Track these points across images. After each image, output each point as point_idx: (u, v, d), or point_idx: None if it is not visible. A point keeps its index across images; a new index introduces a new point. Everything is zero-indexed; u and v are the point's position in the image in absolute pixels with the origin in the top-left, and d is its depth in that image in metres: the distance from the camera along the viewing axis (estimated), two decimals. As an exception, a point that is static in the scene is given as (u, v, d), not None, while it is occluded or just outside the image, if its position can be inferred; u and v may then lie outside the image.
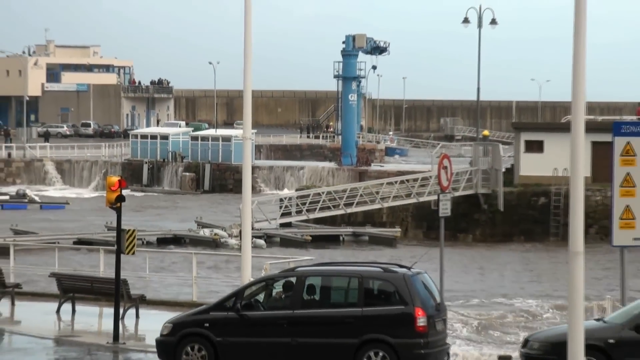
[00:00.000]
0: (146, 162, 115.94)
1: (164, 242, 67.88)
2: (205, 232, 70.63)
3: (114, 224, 36.80)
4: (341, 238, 77.98)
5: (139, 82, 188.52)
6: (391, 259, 56.96)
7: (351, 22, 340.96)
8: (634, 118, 79.35)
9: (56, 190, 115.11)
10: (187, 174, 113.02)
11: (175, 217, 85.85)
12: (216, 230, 71.84)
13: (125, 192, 35.57)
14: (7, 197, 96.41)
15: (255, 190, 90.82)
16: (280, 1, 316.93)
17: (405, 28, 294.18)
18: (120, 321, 35.44)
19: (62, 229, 72.50)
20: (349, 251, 72.61)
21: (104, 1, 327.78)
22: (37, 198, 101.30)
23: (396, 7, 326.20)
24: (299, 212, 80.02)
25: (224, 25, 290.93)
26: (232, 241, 66.82)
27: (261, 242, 66.99)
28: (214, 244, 66.85)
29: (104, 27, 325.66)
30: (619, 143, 31.50)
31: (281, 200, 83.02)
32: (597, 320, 29.01)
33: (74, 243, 62.68)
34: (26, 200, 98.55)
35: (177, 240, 67.60)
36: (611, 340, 27.30)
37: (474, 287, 56.06)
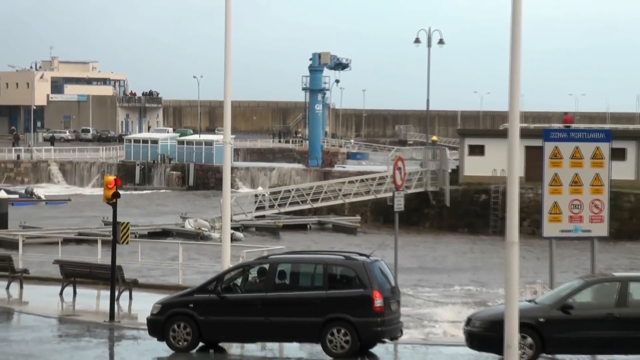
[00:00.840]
0: (138, 164, 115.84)
1: (154, 235, 67.81)
2: (190, 223, 70.52)
3: (111, 219, 36.76)
4: (308, 226, 78.17)
5: (132, 93, 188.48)
6: (351, 246, 57.03)
7: (318, 43, 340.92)
8: (561, 126, 79.56)
9: (59, 188, 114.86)
10: (174, 172, 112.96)
11: (163, 212, 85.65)
12: (199, 220, 71.85)
13: (120, 191, 35.59)
14: (16, 196, 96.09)
15: (233, 187, 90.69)
16: (257, 25, 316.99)
17: (365, 47, 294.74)
18: (115, 302, 35.56)
19: (64, 224, 72.21)
20: (315, 237, 72.80)
21: (103, 24, 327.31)
22: (42, 196, 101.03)
23: (358, 30, 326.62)
24: (271, 207, 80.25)
25: (208, 44, 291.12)
26: (215, 235, 66.82)
27: (240, 235, 66.96)
28: (198, 237, 66.87)
29: (102, 45, 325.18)
30: (548, 148, 31.70)
31: (256, 196, 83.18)
32: (530, 301, 29.13)
33: (75, 239, 62.62)
34: (33, 198, 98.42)
35: (165, 234, 67.57)
36: (541, 319, 27.43)
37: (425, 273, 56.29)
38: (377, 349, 29.14)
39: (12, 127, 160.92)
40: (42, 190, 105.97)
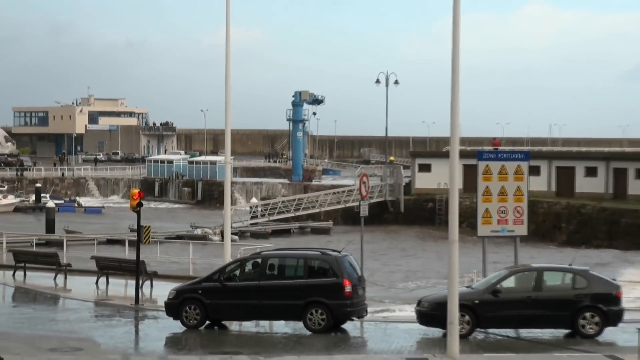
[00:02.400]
0: (157, 180, 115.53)
1: (170, 239, 67.52)
2: (198, 232, 70.76)
3: (135, 226, 36.73)
4: (292, 231, 78.09)
5: (153, 123, 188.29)
6: (327, 244, 57.07)
7: (299, 82, 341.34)
8: (490, 148, 79.73)
9: (95, 199, 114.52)
10: (186, 189, 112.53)
11: (177, 222, 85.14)
12: (205, 229, 71.96)
13: (143, 202, 35.56)
14: (62, 201, 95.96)
15: (233, 198, 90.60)
16: (251, 67, 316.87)
17: (337, 85, 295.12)
18: (139, 289, 35.44)
19: (99, 230, 71.80)
20: (298, 239, 72.72)
21: (130, 68, 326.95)
22: (82, 203, 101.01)
23: (331, 70, 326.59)
24: (262, 216, 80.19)
25: (213, 84, 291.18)
26: (216, 238, 66.74)
27: (236, 237, 66.72)
28: (204, 239, 66.70)
29: (129, 85, 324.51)
30: (481, 165, 31.77)
31: (250, 207, 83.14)
32: (467, 287, 29.18)
33: (107, 240, 62.45)
34: (75, 205, 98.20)
35: (179, 238, 67.23)
36: (476, 301, 27.49)
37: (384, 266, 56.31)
38: (347, 326, 29.16)
39: (63, 150, 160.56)
40: (82, 201, 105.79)
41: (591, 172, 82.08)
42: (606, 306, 27.39)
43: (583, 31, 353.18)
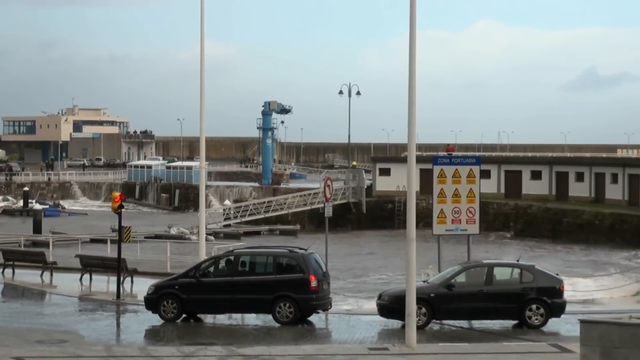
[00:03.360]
0: (137, 184, 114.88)
1: (148, 238, 67.02)
2: (174, 231, 70.43)
3: (117, 227, 36.51)
4: (261, 232, 77.84)
5: (134, 132, 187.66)
6: (293, 243, 56.96)
7: (269, 92, 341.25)
8: (445, 154, 79.98)
9: (78, 203, 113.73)
10: (164, 195, 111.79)
11: (156, 223, 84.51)
12: (181, 228, 71.70)
13: (123, 207, 35.39)
14: (47, 206, 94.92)
15: (207, 201, 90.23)
16: (224, 79, 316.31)
17: (303, 95, 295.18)
18: (121, 285, 35.23)
19: (82, 231, 71.23)
20: (268, 240, 72.51)
21: (112, 80, 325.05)
22: (66, 207, 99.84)
23: (298, 81, 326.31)
24: (235, 217, 79.97)
25: (190, 93, 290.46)
26: (193, 237, 66.43)
27: (210, 237, 66.45)
28: (181, 238, 66.40)
29: (112, 96, 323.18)
30: (436, 170, 31.84)
31: (224, 209, 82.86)
32: (424, 281, 29.25)
33: (91, 240, 61.88)
34: (60, 209, 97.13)
35: (157, 237, 66.77)
36: (432, 295, 27.56)
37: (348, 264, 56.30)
38: (313, 318, 29.14)
39: (51, 157, 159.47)
40: (67, 204, 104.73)
41: (536, 175, 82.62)
42: (550, 299, 27.57)
43: (530, 46, 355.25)
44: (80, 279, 39.65)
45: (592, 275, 44.53)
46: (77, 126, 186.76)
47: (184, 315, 29.09)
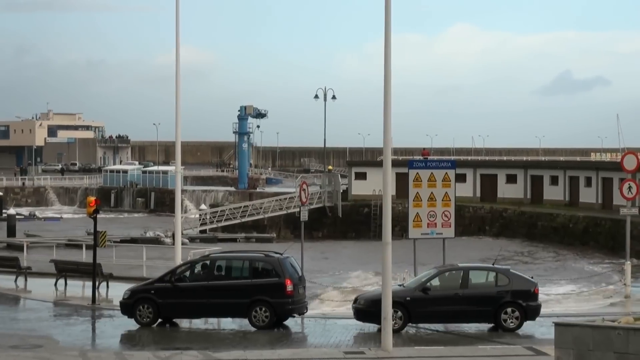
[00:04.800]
0: (113, 191, 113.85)
1: (124, 241, 66.69)
2: (150, 234, 70.17)
3: (92, 231, 36.35)
4: (238, 240, 77.57)
5: (109, 136, 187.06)
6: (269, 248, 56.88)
7: (244, 97, 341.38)
8: (420, 158, 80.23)
9: (54, 208, 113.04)
10: (139, 199, 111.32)
11: (132, 229, 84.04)
12: (157, 232, 71.47)
13: (98, 214, 35.28)
14: (22, 217, 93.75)
15: (183, 205, 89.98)
16: (199, 85, 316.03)
17: (279, 99, 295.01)
18: (96, 290, 35.08)
19: (57, 234, 70.83)
20: (244, 245, 72.31)
21: (87, 85, 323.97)
22: (41, 217, 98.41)
23: (274, 86, 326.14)
24: (211, 222, 79.80)
25: (166, 98, 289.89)
26: (168, 240, 66.26)
27: (186, 240, 66.26)
28: (156, 242, 66.16)
29: (88, 101, 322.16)
30: (412, 174, 31.96)
31: (200, 214, 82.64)
32: (400, 285, 29.30)
33: (65, 244, 61.42)
34: (34, 219, 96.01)
35: (133, 241, 66.54)
36: (408, 298, 27.62)
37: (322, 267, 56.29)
38: (289, 322, 29.14)
39: (29, 162, 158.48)
40: (41, 213, 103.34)
41: (511, 179, 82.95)
42: (525, 302, 27.71)
43: (504, 50, 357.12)
44: (55, 284, 39.45)
45: (558, 281, 44.68)
46: (52, 131, 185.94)
47: (159, 320, 29.02)
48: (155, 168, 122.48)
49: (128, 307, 29.14)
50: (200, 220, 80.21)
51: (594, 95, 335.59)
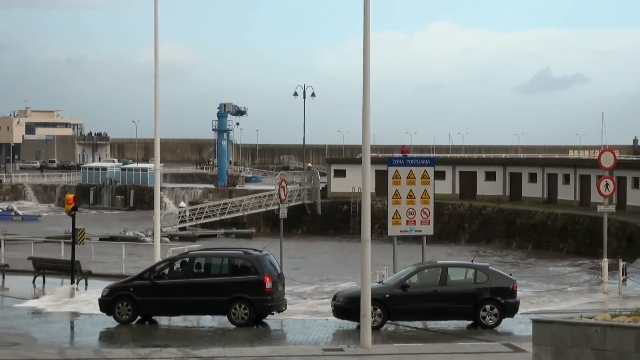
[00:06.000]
0: (92, 188, 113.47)
1: (103, 240, 66.41)
2: (130, 234, 70.19)
3: (71, 230, 36.24)
4: (217, 236, 77.59)
5: (88, 133, 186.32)
6: (249, 245, 56.92)
7: (224, 95, 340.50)
8: (400, 155, 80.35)
9: (32, 204, 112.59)
10: (119, 196, 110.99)
11: (111, 227, 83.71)
12: (137, 232, 71.45)
13: (77, 212, 35.12)
14: (0, 210, 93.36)
15: (162, 203, 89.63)
16: (178, 83, 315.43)
17: (258, 97, 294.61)
18: (74, 288, 34.91)
19: (36, 233, 70.40)
20: (223, 242, 72.31)
21: (66, 83, 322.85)
22: (20, 212, 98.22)
23: (253, 83, 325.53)
24: (191, 220, 79.72)
25: (145, 95, 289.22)
26: (148, 239, 66.18)
27: (165, 239, 66.14)
28: (136, 241, 65.98)
29: (67, 99, 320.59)
30: (391, 171, 31.99)
31: (179, 212, 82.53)
32: (379, 282, 29.35)
33: (44, 241, 61.04)
34: (12, 213, 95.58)
35: (112, 239, 66.26)
36: (387, 295, 27.67)
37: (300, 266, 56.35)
38: (268, 320, 29.14)
39: (7, 158, 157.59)
40: (19, 208, 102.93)
41: (491, 176, 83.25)
42: (504, 299, 27.81)
43: (484, 48, 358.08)
44: (33, 281, 39.27)
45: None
46: (30, 128, 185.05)
47: (138, 318, 28.95)
48: (134, 165, 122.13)
49: (107, 304, 29.06)
50: (179, 217, 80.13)
51: (573, 93, 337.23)
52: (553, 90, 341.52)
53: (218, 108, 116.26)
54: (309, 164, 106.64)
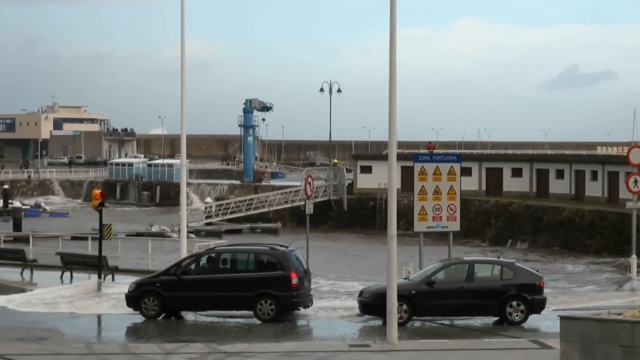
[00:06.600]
0: (118, 184, 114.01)
1: (130, 236, 66.54)
2: (156, 229, 70.43)
3: (97, 227, 36.46)
4: (243, 230, 77.72)
5: (114, 129, 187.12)
6: (275, 241, 56.91)
7: (250, 91, 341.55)
8: (426, 151, 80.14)
9: (59, 200, 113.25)
10: (145, 192, 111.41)
11: (137, 222, 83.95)
12: (163, 227, 71.72)
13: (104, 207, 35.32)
14: (28, 207, 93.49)
15: (188, 199, 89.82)
16: (205, 78, 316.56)
17: (284, 93, 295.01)
18: (101, 283, 35.10)
19: (64, 230, 70.61)
20: (249, 238, 72.43)
21: (93, 79, 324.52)
22: (48, 208, 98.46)
23: (279, 79, 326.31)
24: (217, 215, 79.90)
25: (172, 91, 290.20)
26: (174, 234, 66.36)
27: (192, 234, 66.28)
28: (162, 236, 66.20)
29: (94, 95, 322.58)
30: (417, 167, 31.94)
31: (205, 207, 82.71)
32: (405, 279, 29.33)
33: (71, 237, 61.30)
34: (40, 210, 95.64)
35: (139, 235, 66.44)
36: (413, 291, 27.65)
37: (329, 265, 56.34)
38: (294, 315, 29.17)
39: (27, 158, 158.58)
40: (47, 204, 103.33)
41: (517, 172, 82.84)
42: (530, 295, 27.71)
43: (510, 44, 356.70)
44: (61, 276, 39.53)
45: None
46: (58, 124, 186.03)
47: (165, 313, 29.05)
48: (160, 161, 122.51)
49: (134, 299, 29.20)
50: (205, 213, 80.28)
51: (601, 89, 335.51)
52: (581, 86, 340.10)
53: (244, 104, 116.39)
54: (335, 160, 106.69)
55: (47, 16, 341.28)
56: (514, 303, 27.57)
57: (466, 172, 72.43)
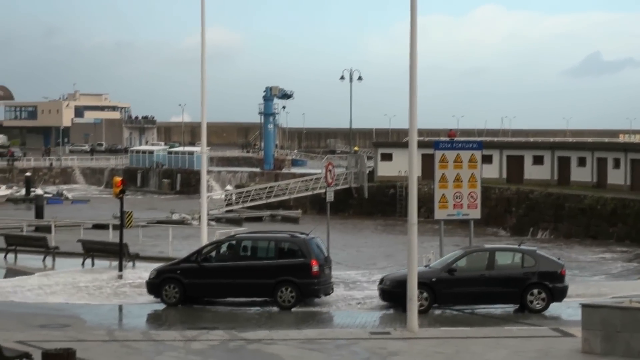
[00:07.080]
0: (139, 171, 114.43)
1: (151, 224, 66.70)
2: (176, 217, 70.58)
3: (119, 214, 36.52)
4: (263, 218, 77.86)
5: (135, 117, 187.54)
6: (295, 229, 56.97)
7: (270, 78, 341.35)
8: (447, 139, 79.87)
9: (81, 187, 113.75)
10: (165, 180, 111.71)
11: (158, 210, 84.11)
12: (183, 214, 71.86)
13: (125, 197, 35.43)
14: (50, 195, 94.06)
15: (208, 187, 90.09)
16: (225, 67, 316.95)
17: (305, 81, 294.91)
18: (122, 270, 35.25)
19: (85, 216, 71.02)
20: (269, 225, 72.54)
21: (114, 67, 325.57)
22: (69, 196, 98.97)
23: (300, 67, 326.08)
24: (237, 203, 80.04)
25: (192, 79, 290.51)
26: (194, 222, 66.49)
27: (212, 222, 66.42)
28: (182, 224, 66.37)
29: (114, 83, 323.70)
30: (438, 154, 31.85)
31: (226, 195, 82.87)
32: (425, 266, 29.28)
33: (92, 226, 61.52)
34: (62, 197, 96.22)
35: (159, 223, 66.61)
36: (434, 279, 27.62)
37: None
38: (314, 302, 29.15)
39: (49, 146, 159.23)
40: (69, 192, 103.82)
41: (538, 160, 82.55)
42: (552, 283, 27.62)
43: (532, 31, 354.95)
44: (82, 263, 39.71)
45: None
46: (79, 111, 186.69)
47: (185, 300, 29.14)
48: (180, 149, 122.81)
49: (155, 287, 29.30)
50: (225, 200, 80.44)
51: (623, 77, 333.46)
52: (603, 74, 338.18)
53: (264, 91, 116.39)
54: (356, 148, 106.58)
55: (67, 4, 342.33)
56: (535, 291, 27.49)
57: (487, 159, 72.25)
